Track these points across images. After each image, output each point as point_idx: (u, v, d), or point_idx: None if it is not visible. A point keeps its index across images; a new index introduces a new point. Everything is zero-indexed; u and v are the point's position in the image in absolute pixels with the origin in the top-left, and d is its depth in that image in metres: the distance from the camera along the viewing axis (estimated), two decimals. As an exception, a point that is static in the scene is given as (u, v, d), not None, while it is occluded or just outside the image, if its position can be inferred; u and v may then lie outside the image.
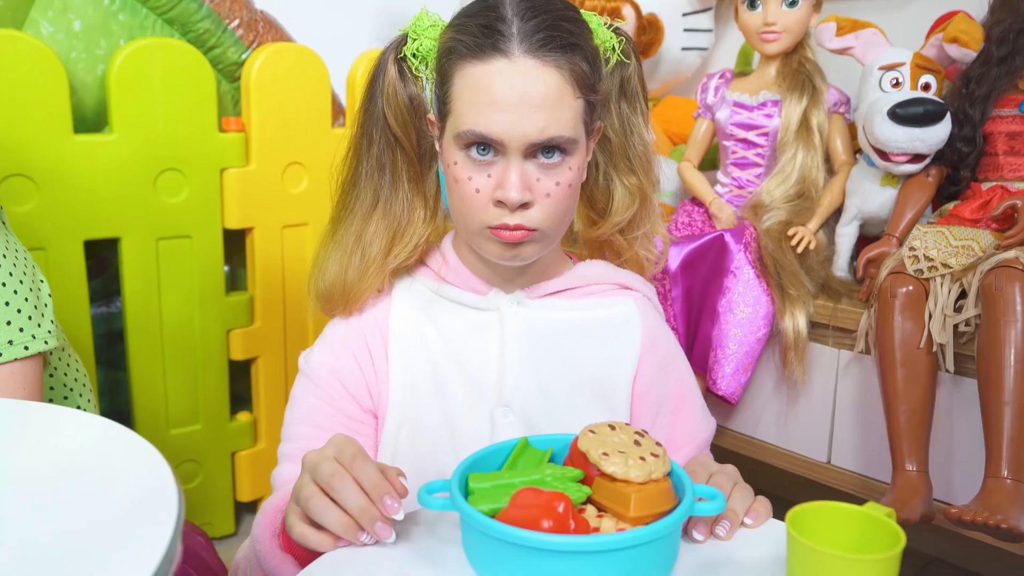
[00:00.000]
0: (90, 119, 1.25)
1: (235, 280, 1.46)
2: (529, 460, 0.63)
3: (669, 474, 0.58)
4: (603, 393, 0.77)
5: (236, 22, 1.31)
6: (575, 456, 0.62)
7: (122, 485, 0.50)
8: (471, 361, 0.75)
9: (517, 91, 0.66)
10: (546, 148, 0.68)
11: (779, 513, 0.65)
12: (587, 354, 0.77)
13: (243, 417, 1.45)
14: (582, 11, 0.74)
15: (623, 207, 0.79)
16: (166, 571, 0.42)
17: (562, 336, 0.76)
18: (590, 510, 0.58)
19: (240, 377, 1.44)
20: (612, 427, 0.60)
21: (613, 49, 0.75)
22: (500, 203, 0.68)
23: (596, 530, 0.55)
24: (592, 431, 0.60)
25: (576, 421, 0.73)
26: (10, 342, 0.79)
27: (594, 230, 0.81)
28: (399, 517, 0.56)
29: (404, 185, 0.76)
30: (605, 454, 0.57)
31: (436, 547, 0.58)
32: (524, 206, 0.68)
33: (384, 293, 0.78)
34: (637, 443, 0.59)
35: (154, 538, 0.43)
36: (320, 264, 0.79)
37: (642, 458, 0.57)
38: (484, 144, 0.68)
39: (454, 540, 0.58)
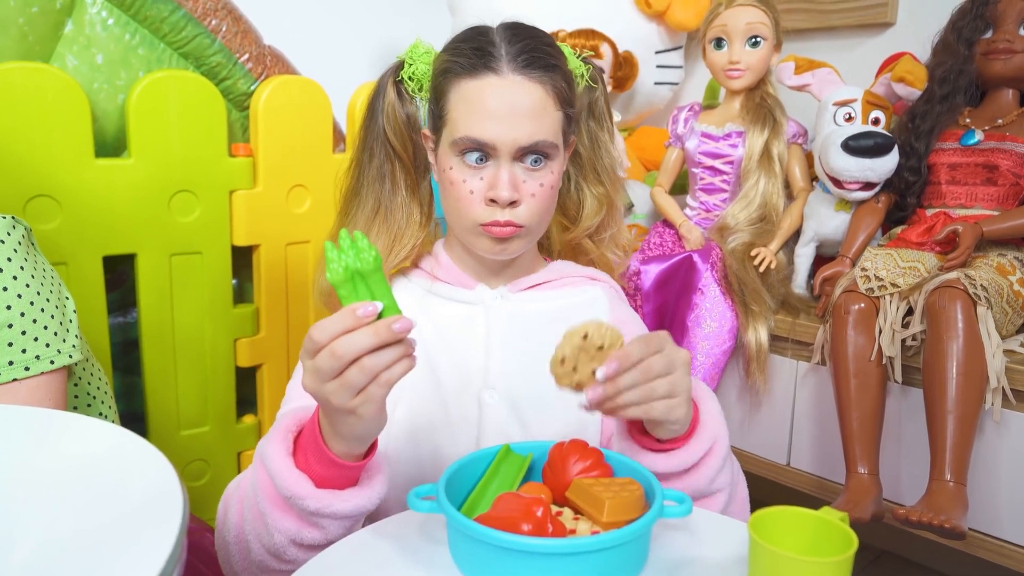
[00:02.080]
0: (110, 144, 1.24)
1: (242, 293, 1.44)
2: (510, 465, 0.63)
3: (642, 483, 0.58)
4: None
5: (246, 56, 1.31)
6: (554, 461, 0.62)
7: (133, 488, 0.49)
8: (460, 349, 0.76)
9: (507, 102, 0.69)
10: (532, 153, 0.71)
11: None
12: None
13: (248, 420, 1.43)
14: (559, 44, 0.78)
15: (592, 213, 0.82)
16: (173, 567, 0.42)
17: (541, 323, 0.78)
18: (567, 513, 0.58)
19: (246, 382, 1.43)
20: (585, 336, 0.58)
21: (583, 76, 0.79)
22: (492, 202, 0.71)
23: (572, 532, 0.55)
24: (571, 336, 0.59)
25: (554, 397, 0.74)
26: (37, 357, 0.78)
27: (566, 235, 0.84)
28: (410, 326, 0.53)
29: (402, 192, 0.79)
30: (563, 362, 0.58)
31: (424, 547, 0.58)
32: (512, 204, 0.71)
33: None
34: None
35: (162, 537, 0.42)
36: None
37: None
38: (477, 150, 0.70)
39: (441, 540, 0.57)
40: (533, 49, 0.71)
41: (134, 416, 1.33)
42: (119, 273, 1.33)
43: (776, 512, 0.51)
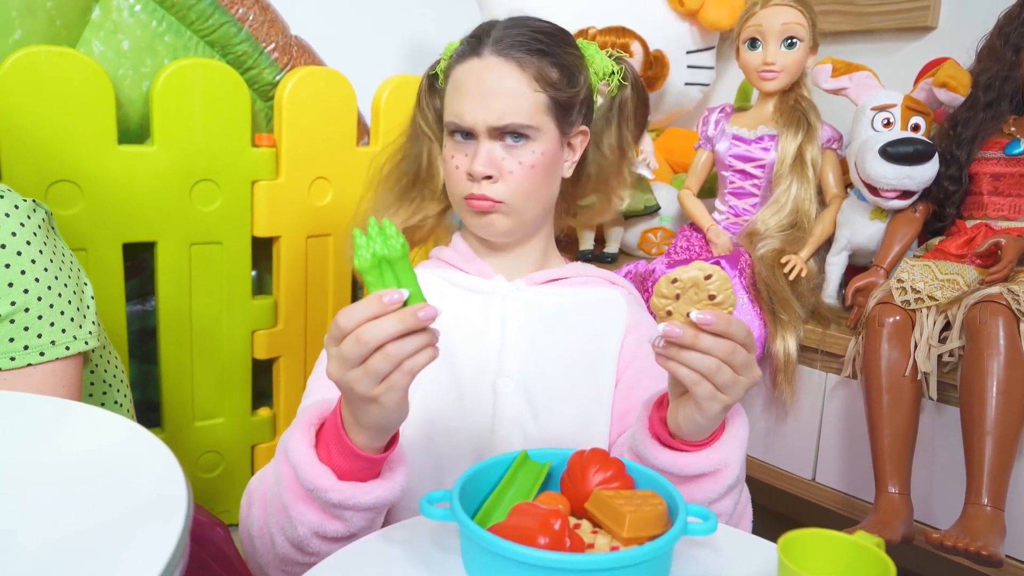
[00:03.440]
0: (134, 131, 1.24)
1: (261, 285, 1.44)
2: (528, 473, 0.60)
3: (665, 498, 0.55)
4: (591, 363, 0.78)
5: (272, 46, 1.30)
6: (573, 471, 0.59)
7: (138, 484, 0.48)
8: (476, 337, 0.77)
9: (481, 82, 0.73)
10: (511, 132, 0.74)
11: (767, 530, 0.62)
12: (578, 329, 0.79)
13: (264, 413, 1.43)
14: (582, 41, 0.80)
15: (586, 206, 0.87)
16: (173, 568, 0.40)
17: (556, 314, 0.79)
18: (585, 526, 0.56)
19: (262, 375, 1.42)
20: (708, 277, 0.56)
21: (613, 74, 0.81)
22: (471, 176, 0.74)
23: (590, 547, 0.53)
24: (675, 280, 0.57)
25: (567, 387, 0.76)
26: (52, 342, 0.77)
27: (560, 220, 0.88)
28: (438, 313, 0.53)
29: (428, 170, 0.84)
30: (674, 282, 0.56)
31: (435, 555, 0.56)
32: (489, 179, 0.74)
33: None
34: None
35: (165, 536, 0.41)
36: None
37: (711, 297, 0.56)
38: (460, 130, 0.75)
39: (453, 549, 0.55)
40: (522, 34, 0.74)
41: (149, 405, 1.33)
42: (139, 261, 1.33)
43: (807, 535, 0.49)
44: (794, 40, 1.35)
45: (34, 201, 0.80)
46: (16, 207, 0.77)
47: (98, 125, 1.14)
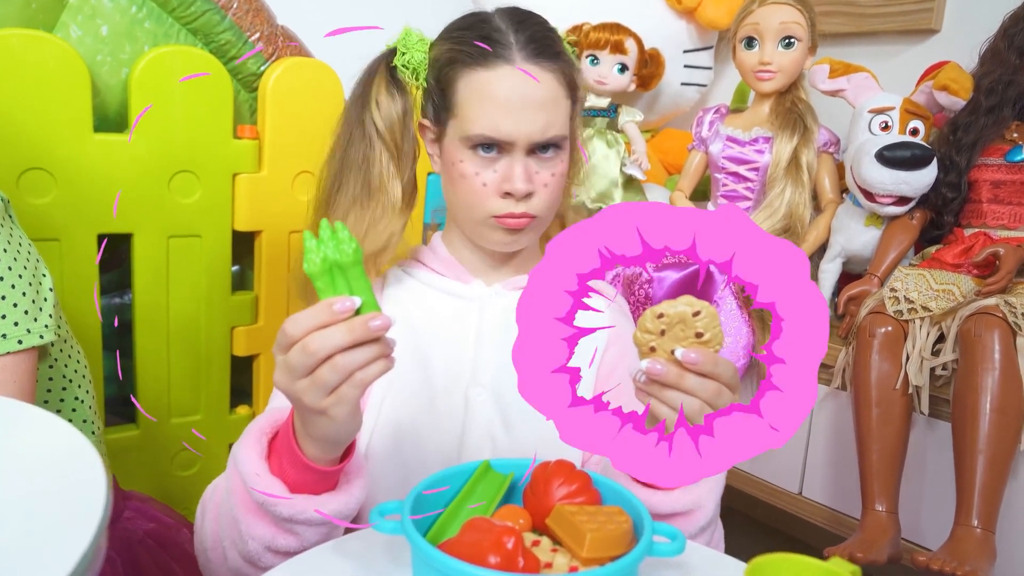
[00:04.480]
0: (112, 119, 1.21)
1: (243, 280, 1.41)
2: (489, 485, 0.57)
3: (632, 515, 0.52)
4: None
5: (257, 35, 1.27)
6: (537, 483, 0.56)
7: (55, 493, 0.45)
8: (451, 344, 0.75)
9: (520, 93, 0.68)
10: (545, 144, 0.70)
11: (751, 544, 0.59)
12: None
13: (242, 411, 1.40)
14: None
15: None
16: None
17: None
18: (545, 543, 0.52)
19: (241, 372, 1.39)
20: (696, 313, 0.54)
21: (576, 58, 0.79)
22: (507, 194, 0.70)
23: (548, 566, 0.49)
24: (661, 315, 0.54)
25: None
26: (3, 336, 0.74)
27: None
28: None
29: (385, 179, 0.76)
30: (660, 317, 0.53)
31: (387, 570, 0.53)
32: (527, 196, 0.71)
33: (376, 281, 0.78)
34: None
35: (72, 548, 0.38)
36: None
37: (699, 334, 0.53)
38: (490, 143, 0.70)
39: (407, 563, 0.52)
40: (541, 36, 0.70)
41: (126, 400, 1.30)
42: (118, 252, 1.30)
43: (777, 560, 0.46)
44: (792, 40, 1.32)
45: (-10, 188, 0.77)
46: (-31, 193, 0.74)
47: (74, 112, 1.11)
